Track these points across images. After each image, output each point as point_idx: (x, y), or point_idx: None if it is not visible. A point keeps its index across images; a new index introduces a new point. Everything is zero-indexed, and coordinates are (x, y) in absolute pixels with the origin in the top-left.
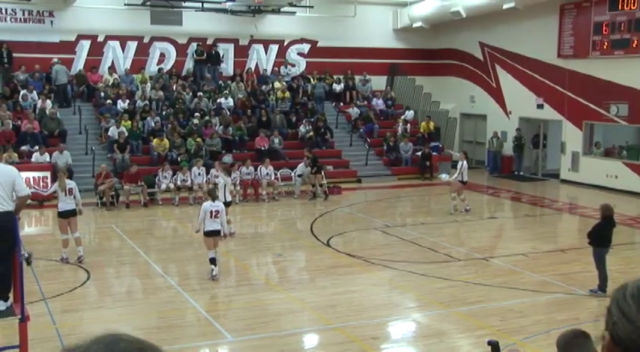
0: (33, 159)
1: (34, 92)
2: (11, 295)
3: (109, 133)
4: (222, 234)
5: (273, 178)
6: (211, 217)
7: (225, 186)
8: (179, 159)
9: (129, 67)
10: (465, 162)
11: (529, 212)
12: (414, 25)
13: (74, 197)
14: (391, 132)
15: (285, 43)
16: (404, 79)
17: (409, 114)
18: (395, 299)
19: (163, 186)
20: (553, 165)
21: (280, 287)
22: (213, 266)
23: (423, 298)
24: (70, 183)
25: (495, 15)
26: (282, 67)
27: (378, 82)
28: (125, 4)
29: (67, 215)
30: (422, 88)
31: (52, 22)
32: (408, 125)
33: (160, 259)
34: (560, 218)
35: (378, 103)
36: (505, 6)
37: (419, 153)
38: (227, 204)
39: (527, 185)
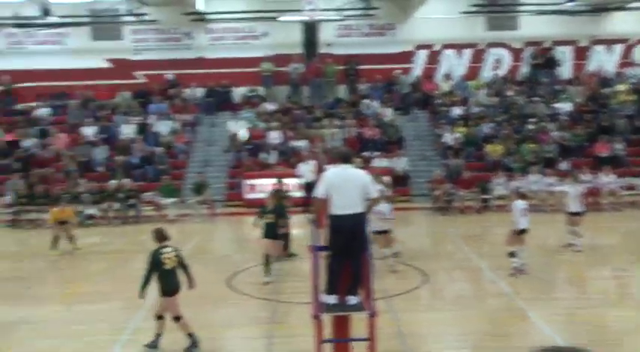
0: (373, 164)
1: (375, 101)
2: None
3: (443, 140)
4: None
5: (615, 187)
6: (523, 215)
7: (575, 195)
8: (513, 165)
9: (463, 74)
10: None
11: None
12: None
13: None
14: None
15: (631, 42)
16: None
17: None
18: None
19: (497, 193)
20: None
21: (622, 304)
22: (514, 259)
23: None
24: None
25: None
26: (628, 69)
27: None
28: (460, 12)
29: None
30: None
31: (392, 34)
32: None
33: (493, 266)
34: None
35: None
36: None
37: None
38: (578, 214)
39: None
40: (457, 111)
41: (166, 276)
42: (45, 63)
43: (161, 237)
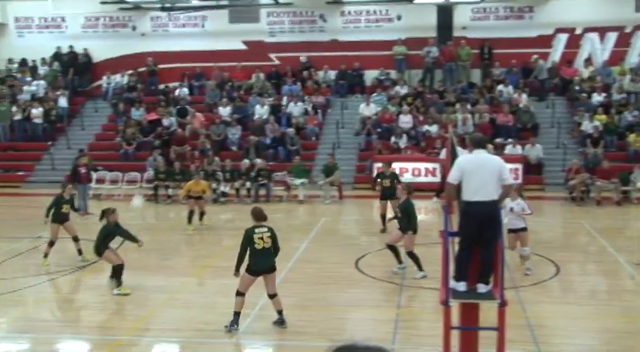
0: (506, 151)
1: (510, 86)
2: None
3: (581, 127)
4: None
5: None
6: None
7: None
8: None
9: (607, 59)
10: None
11: None
12: None
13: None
14: None
15: None
16: None
17: None
18: None
19: (639, 185)
20: None
21: None
22: None
23: None
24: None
25: None
26: None
27: None
28: None
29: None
30: None
31: (530, 17)
32: None
33: (631, 261)
34: None
35: None
36: None
37: None
38: None
39: None
40: (598, 98)
41: (255, 255)
42: (185, 45)
43: (258, 216)
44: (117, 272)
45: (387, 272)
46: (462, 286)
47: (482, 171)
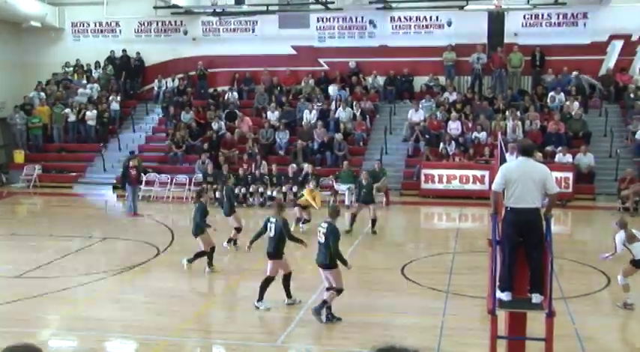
0: (556, 160)
1: (562, 94)
2: None
3: (636, 136)
4: None
5: None
6: None
7: None
8: None
9: None
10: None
11: None
12: None
13: None
14: None
15: None
16: None
17: None
18: None
19: None
20: None
21: None
22: None
23: None
24: None
25: None
26: None
27: None
28: None
29: None
30: None
31: (584, 23)
32: None
33: None
34: None
35: None
36: None
37: None
38: None
39: None
40: None
41: (319, 249)
42: (236, 49)
43: (333, 213)
44: (209, 255)
45: (433, 279)
46: (506, 296)
47: (526, 179)
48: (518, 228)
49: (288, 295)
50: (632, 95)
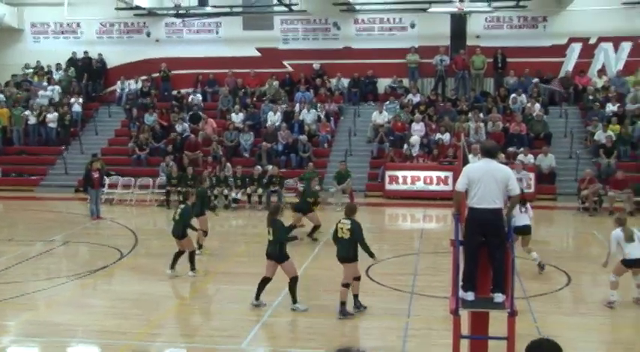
0: (517, 161)
1: (523, 95)
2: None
3: (595, 137)
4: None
5: None
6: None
7: None
8: None
9: (621, 69)
10: None
11: None
12: None
13: None
14: None
15: None
16: None
17: None
18: None
19: None
20: None
21: None
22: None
23: None
24: None
25: None
26: None
27: None
28: (622, 3)
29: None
30: None
31: (544, 26)
32: None
33: None
34: None
35: None
36: None
37: None
38: None
39: None
40: (611, 107)
41: (338, 244)
42: (199, 51)
43: (353, 210)
44: (176, 257)
45: (398, 280)
46: (470, 296)
47: (488, 179)
48: (481, 228)
49: (294, 300)
50: (590, 97)
